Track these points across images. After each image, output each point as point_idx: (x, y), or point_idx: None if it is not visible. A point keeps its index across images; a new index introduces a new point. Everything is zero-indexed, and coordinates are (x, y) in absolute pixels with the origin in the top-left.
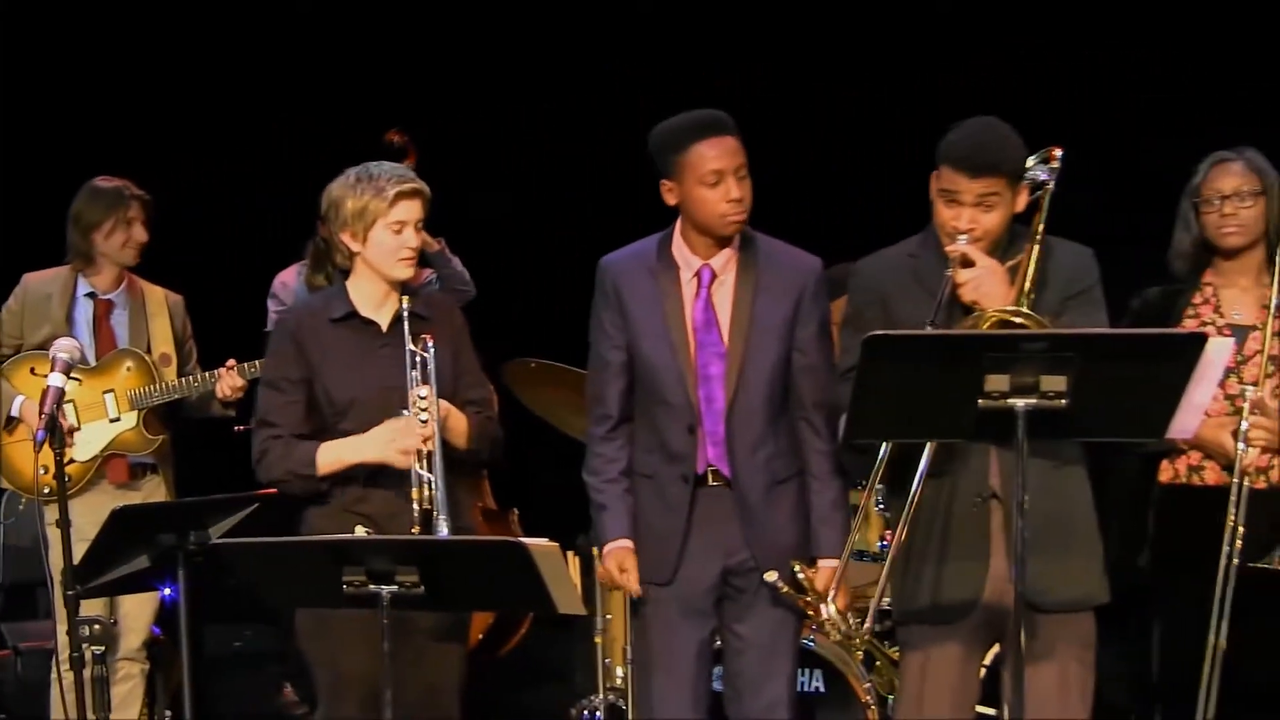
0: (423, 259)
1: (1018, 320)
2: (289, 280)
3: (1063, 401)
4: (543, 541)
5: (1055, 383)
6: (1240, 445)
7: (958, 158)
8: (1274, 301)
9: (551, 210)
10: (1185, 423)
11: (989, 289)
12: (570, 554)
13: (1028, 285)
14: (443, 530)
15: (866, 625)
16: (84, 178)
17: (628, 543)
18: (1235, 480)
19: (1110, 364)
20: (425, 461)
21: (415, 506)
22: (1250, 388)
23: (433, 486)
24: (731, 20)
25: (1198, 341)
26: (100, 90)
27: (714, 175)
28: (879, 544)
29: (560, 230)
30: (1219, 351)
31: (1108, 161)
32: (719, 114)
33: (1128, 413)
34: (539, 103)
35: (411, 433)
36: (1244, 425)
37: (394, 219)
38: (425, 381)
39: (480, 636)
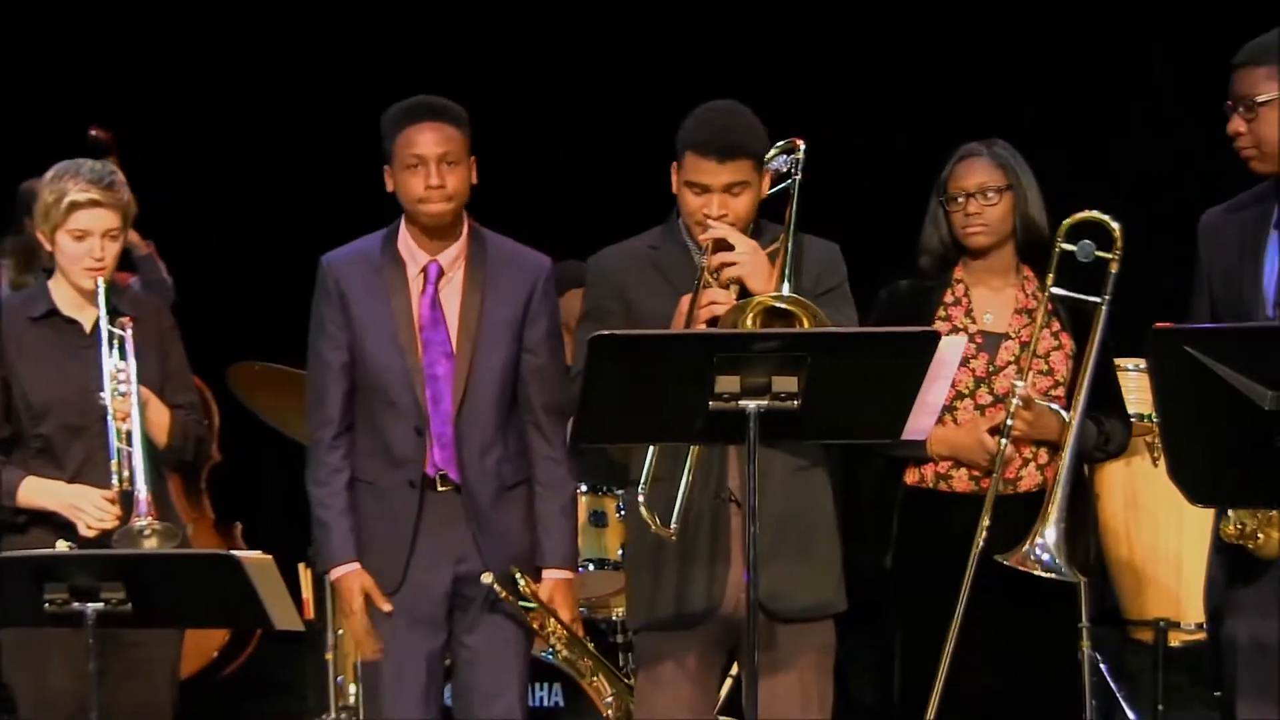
0: (129, 262)
1: (782, 305)
2: None
3: (794, 403)
4: (255, 553)
5: (787, 383)
6: (1002, 441)
7: (704, 143)
8: (1042, 311)
9: (274, 207)
10: (920, 423)
11: (754, 268)
12: (302, 565)
13: (786, 271)
14: (141, 505)
15: None
16: None
17: (357, 565)
18: (995, 474)
19: (843, 363)
20: (126, 439)
21: (115, 484)
22: (1019, 384)
23: (132, 462)
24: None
25: (930, 340)
26: None
27: (415, 159)
28: (619, 551)
29: (283, 227)
30: (951, 350)
31: None
32: (438, 101)
33: (862, 413)
34: (257, 99)
35: (106, 515)
36: (1009, 419)
37: (74, 227)
38: (123, 358)
39: (215, 654)
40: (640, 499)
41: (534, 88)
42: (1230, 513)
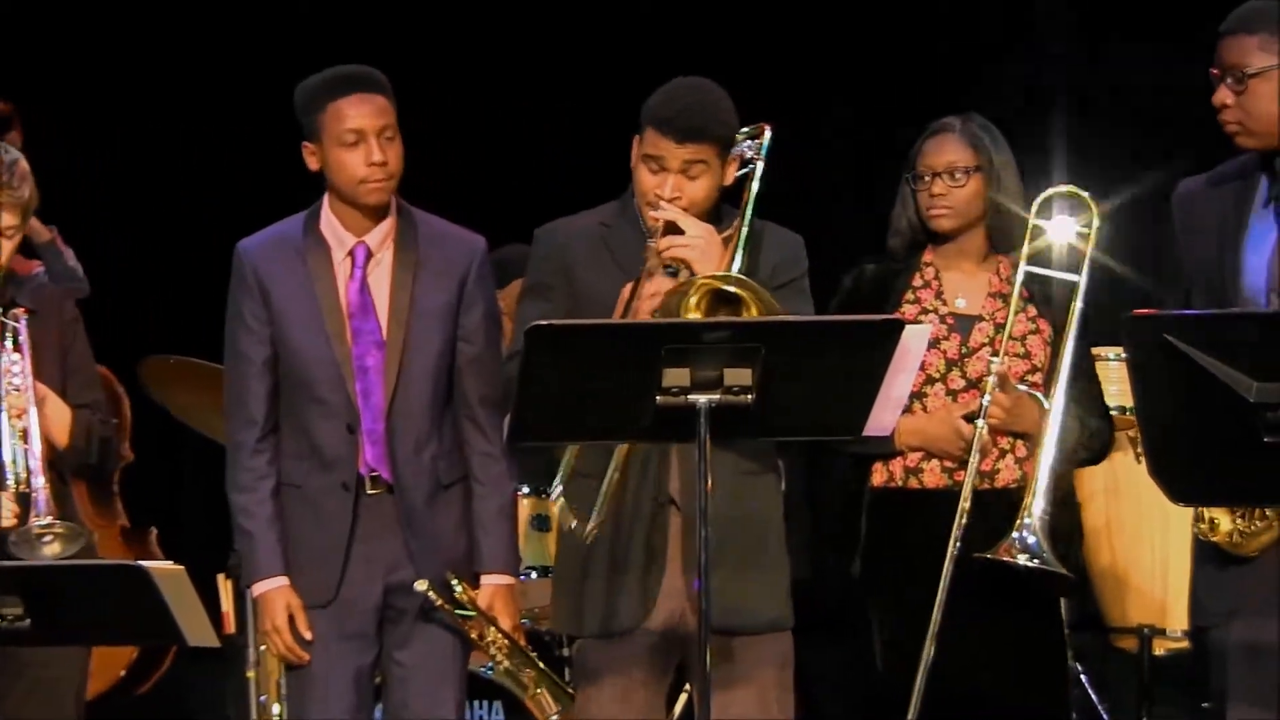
0: (31, 251)
1: (729, 288)
2: None
3: (748, 397)
4: (166, 564)
5: (740, 376)
6: (979, 422)
7: (664, 120)
8: (1015, 295)
9: (188, 188)
10: (883, 419)
11: (703, 252)
12: (222, 576)
13: (739, 258)
14: (40, 504)
15: None
16: None
17: (285, 581)
18: (973, 459)
19: (800, 355)
20: (22, 437)
21: (11, 484)
22: (995, 360)
23: (29, 459)
24: None
25: (894, 328)
26: None
27: (353, 135)
28: None
29: (199, 209)
30: (916, 339)
31: None
32: (365, 69)
33: (821, 409)
34: (174, 74)
35: (2, 516)
36: (985, 400)
37: None
38: (16, 349)
39: (123, 672)
40: (557, 491)
41: (492, 68)
42: (1205, 510)
